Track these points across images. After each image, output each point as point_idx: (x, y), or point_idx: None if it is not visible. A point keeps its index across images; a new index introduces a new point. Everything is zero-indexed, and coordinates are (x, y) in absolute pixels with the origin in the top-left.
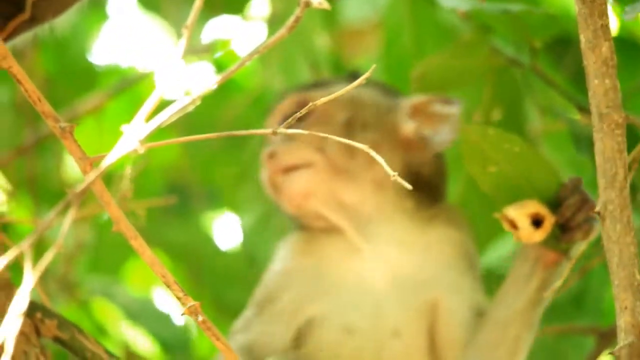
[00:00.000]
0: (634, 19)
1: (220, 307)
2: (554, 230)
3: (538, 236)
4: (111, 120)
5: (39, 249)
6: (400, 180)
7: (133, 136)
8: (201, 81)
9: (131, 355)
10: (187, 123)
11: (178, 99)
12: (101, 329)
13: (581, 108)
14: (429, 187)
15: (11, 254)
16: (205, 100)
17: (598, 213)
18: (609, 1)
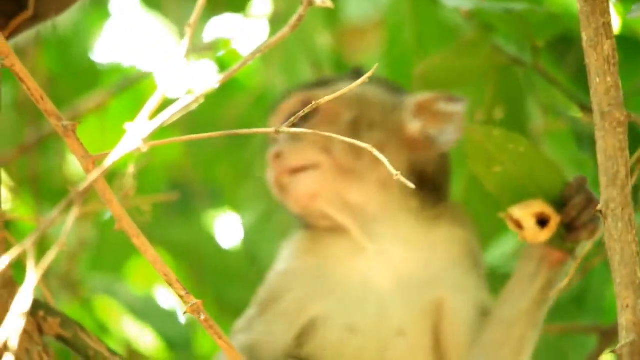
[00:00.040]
0: (637, 17)
1: (222, 306)
2: (559, 229)
3: (543, 236)
4: (114, 118)
5: (42, 247)
6: (403, 179)
7: (136, 135)
8: (204, 80)
9: (133, 353)
10: (190, 121)
11: (181, 98)
12: (103, 327)
13: (583, 106)
14: (434, 186)
15: (14, 252)
16: (207, 98)
17: (600, 211)
18: None
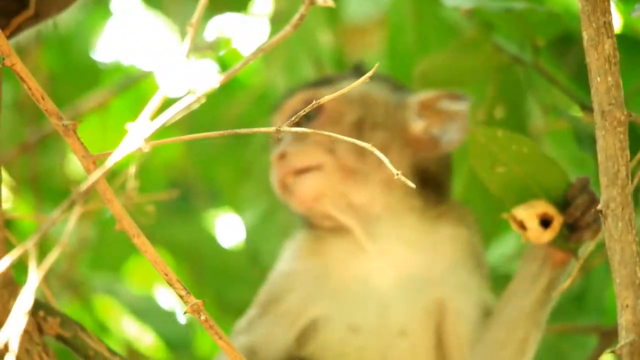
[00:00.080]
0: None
1: (222, 306)
2: (562, 230)
3: (547, 236)
4: (115, 117)
5: (42, 246)
6: (404, 179)
7: (137, 134)
8: (205, 79)
9: (133, 353)
10: (190, 121)
11: (182, 98)
12: (103, 327)
13: (584, 106)
14: (436, 185)
15: (15, 253)
16: (208, 98)
17: (600, 211)
18: None
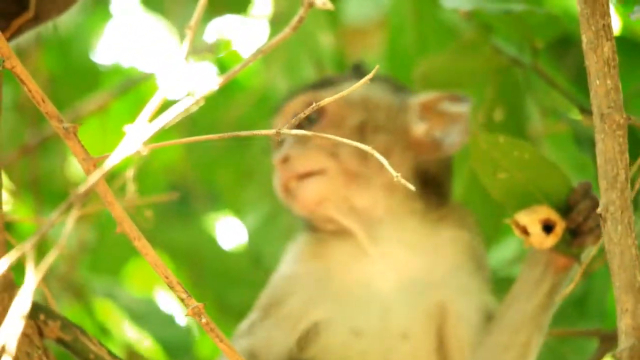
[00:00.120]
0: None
1: (222, 309)
2: (565, 235)
3: (549, 242)
4: (115, 120)
5: (42, 249)
6: (404, 182)
7: (136, 137)
8: (204, 81)
9: (134, 355)
10: (189, 123)
11: (181, 100)
12: (104, 330)
13: (583, 108)
14: (437, 187)
15: (13, 255)
16: (207, 100)
17: (600, 215)
18: (612, 1)
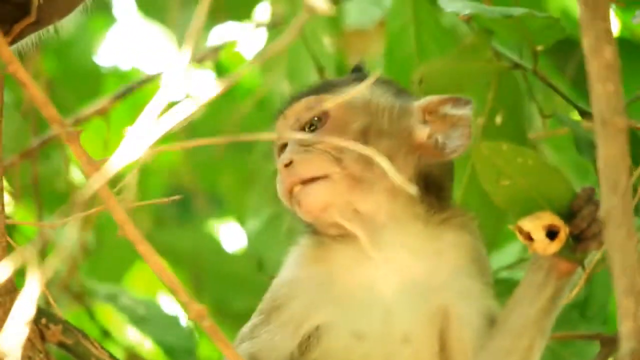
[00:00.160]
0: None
1: (224, 313)
2: (568, 240)
3: (553, 247)
4: (116, 123)
5: (42, 251)
6: (406, 186)
7: (139, 141)
8: (205, 86)
9: (135, 359)
10: (191, 126)
11: (183, 104)
12: (105, 333)
13: (583, 112)
14: (439, 190)
15: (15, 260)
16: (208, 104)
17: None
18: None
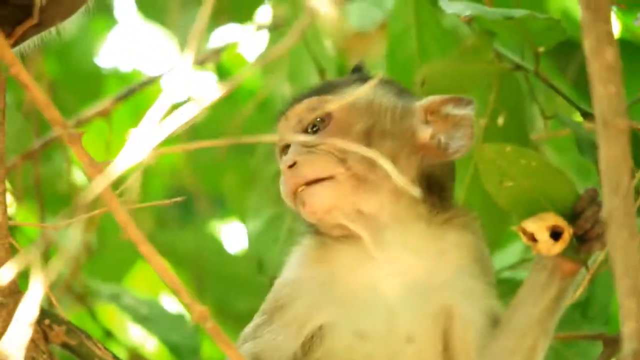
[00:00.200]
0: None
1: (224, 314)
2: (572, 241)
3: (557, 248)
4: (117, 124)
5: (44, 252)
6: (408, 188)
7: (141, 144)
8: (207, 88)
9: (138, 358)
10: (192, 128)
11: (185, 106)
12: (107, 333)
13: (585, 113)
14: (441, 189)
15: (18, 263)
16: (210, 105)
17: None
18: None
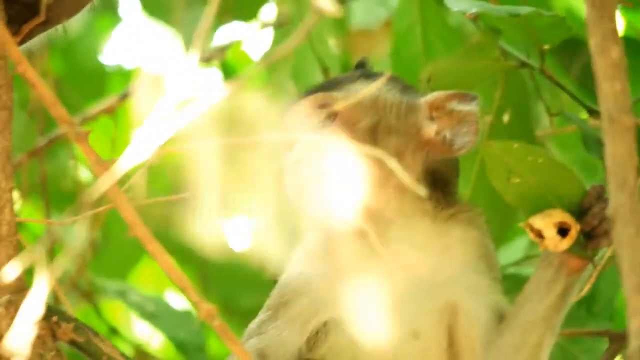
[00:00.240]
0: None
1: (229, 310)
2: (579, 237)
3: (564, 245)
4: (123, 121)
5: (50, 248)
6: (416, 188)
7: (148, 143)
8: (212, 86)
9: (143, 356)
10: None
11: (192, 106)
12: (113, 330)
13: (590, 110)
14: (445, 185)
15: (24, 260)
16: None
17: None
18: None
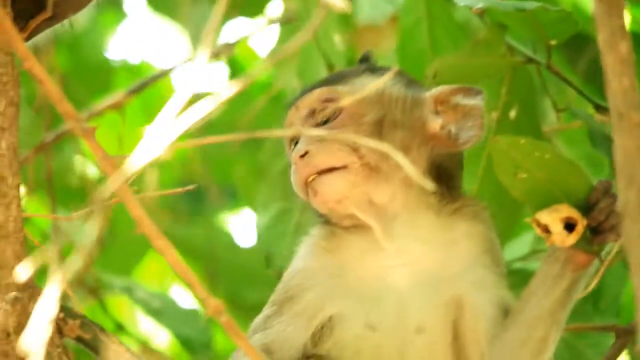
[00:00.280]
0: None
1: (235, 305)
2: (585, 232)
3: (571, 240)
4: (130, 117)
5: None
6: (423, 181)
7: (157, 139)
8: (220, 82)
9: (149, 352)
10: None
11: (201, 102)
12: (119, 326)
13: (597, 105)
14: (449, 179)
15: (36, 259)
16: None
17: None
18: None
